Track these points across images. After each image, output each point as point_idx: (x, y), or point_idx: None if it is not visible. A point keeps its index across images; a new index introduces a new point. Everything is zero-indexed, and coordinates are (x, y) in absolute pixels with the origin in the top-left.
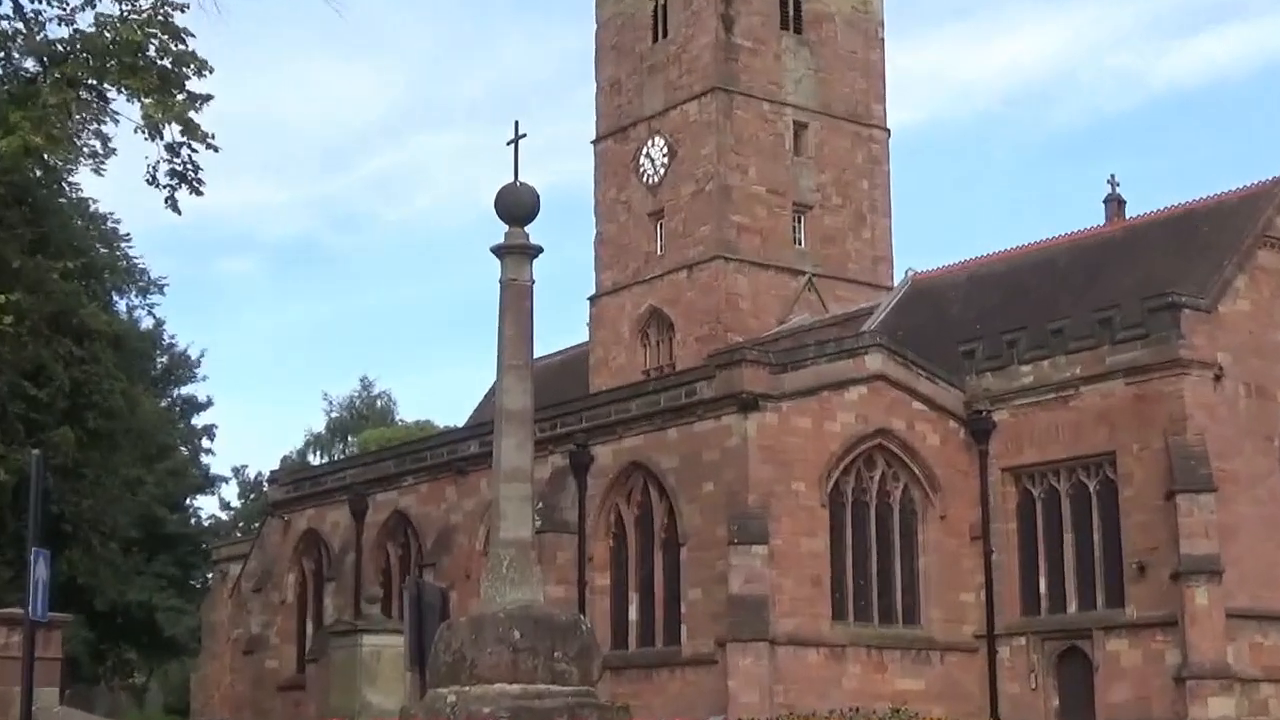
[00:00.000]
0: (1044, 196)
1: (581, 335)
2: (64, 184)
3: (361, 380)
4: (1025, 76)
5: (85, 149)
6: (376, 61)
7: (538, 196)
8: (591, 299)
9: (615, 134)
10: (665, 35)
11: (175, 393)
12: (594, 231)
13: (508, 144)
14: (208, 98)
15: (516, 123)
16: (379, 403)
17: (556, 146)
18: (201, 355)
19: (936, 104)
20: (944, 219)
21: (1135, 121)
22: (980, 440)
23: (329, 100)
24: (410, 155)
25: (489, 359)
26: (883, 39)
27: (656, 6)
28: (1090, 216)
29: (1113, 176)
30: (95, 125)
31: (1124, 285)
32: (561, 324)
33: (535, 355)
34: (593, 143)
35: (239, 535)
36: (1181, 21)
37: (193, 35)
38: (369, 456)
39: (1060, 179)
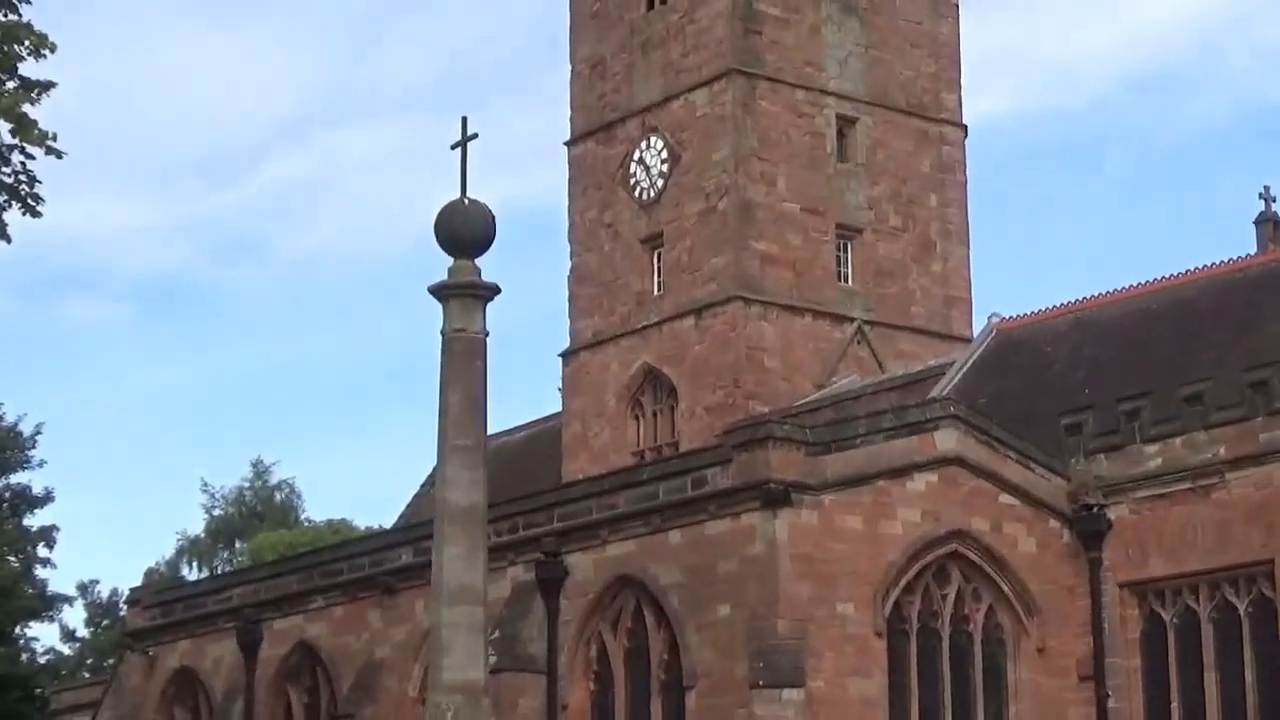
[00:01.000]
0: (1175, 216)
1: (553, 404)
2: None
3: (254, 465)
4: (1152, 54)
5: None
6: (278, 38)
7: (492, 219)
8: (565, 355)
9: (597, 133)
10: (664, 1)
11: (1, 483)
12: (568, 264)
13: (453, 147)
14: (49, 85)
15: (464, 120)
16: (278, 496)
17: (518, 148)
18: (37, 432)
19: (1029, 92)
20: (1040, 247)
21: None
22: (1091, 546)
23: (213, 90)
24: (320, 162)
25: (427, 437)
26: (957, 4)
27: None
28: (1238, 243)
29: (1267, 190)
30: None
31: None
32: (525, 388)
33: (490, 431)
34: (566, 144)
35: (87, 676)
36: None
37: (28, 1)
38: (264, 570)
39: (1198, 193)
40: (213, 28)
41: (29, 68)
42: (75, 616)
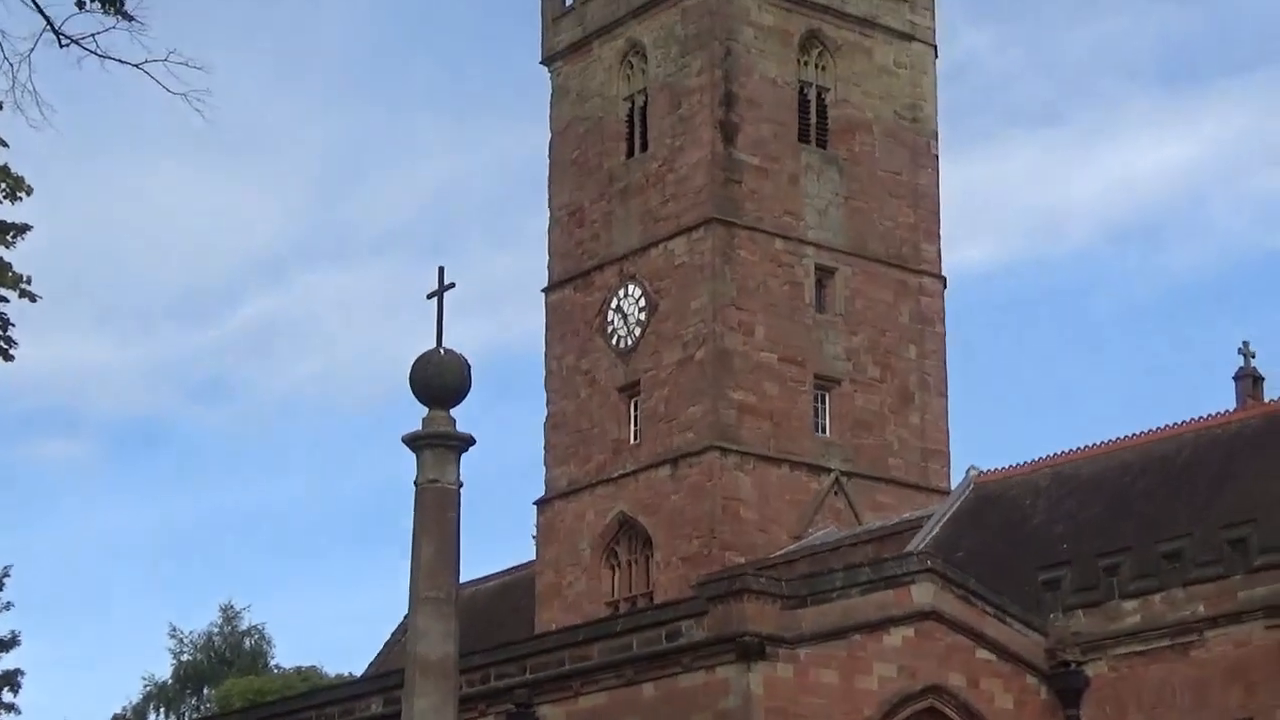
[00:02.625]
0: (1156, 368)
1: (526, 552)
2: None
3: (224, 610)
4: (1136, 204)
5: None
6: (255, 177)
7: (468, 369)
8: (540, 503)
9: (574, 280)
10: (644, 148)
11: None
12: (544, 411)
13: (429, 296)
14: (24, 228)
15: (441, 270)
16: (247, 642)
17: (497, 291)
18: (5, 574)
19: (1012, 241)
20: (1020, 398)
21: (1277, 269)
22: (1069, 703)
23: (190, 230)
24: (297, 303)
25: (399, 585)
26: (936, 155)
27: (632, 109)
28: (1217, 398)
29: (1246, 345)
30: None
31: (1263, 492)
32: (499, 536)
33: (462, 580)
34: (544, 291)
35: None
36: None
37: (4, 145)
38: (232, 718)
39: (1179, 345)
40: (191, 168)
41: (4, 210)
42: None
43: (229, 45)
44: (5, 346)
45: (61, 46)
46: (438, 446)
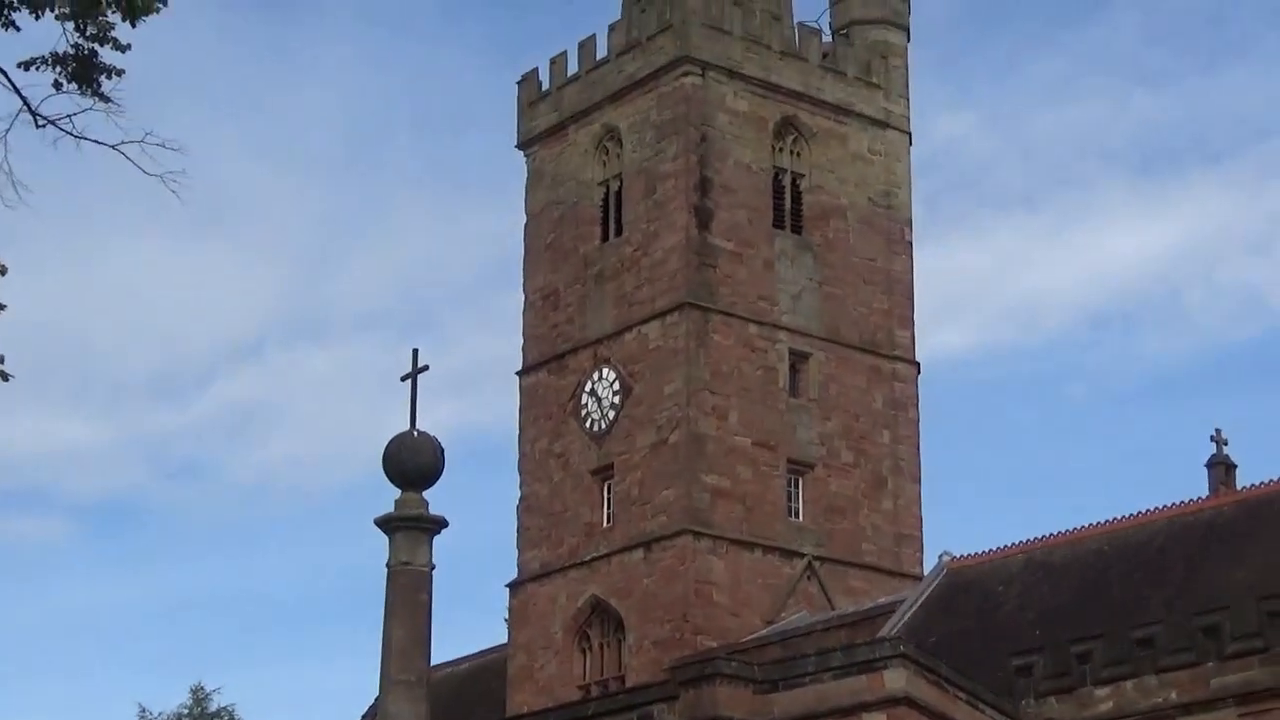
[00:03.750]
0: (1128, 456)
1: (498, 635)
2: None
3: (194, 691)
4: (1113, 291)
5: None
6: (230, 258)
7: (440, 452)
8: (512, 585)
9: (549, 363)
10: (619, 233)
11: None
12: (517, 494)
13: (403, 379)
14: None
15: (415, 352)
16: None
17: (473, 372)
18: None
19: (986, 329)
20: (992, 486)
21: (1251, 357)
22: None
23: (165, 309)
24: (273, 383)
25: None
26: (910, 242)
27: (607, 194)
28: (1190, 485)
29: (1219, 433)
30: None
31: (1235, 580)
32: (471, 618)
33: (434, 662)
34: (518, 374)
35: None
36: None
37: None
38: None
39: (1151, 433)
40: (168, 248)
41: None
42: None
43: (208, 124)
44: None
45: (38, 127)
46: (410, 529)
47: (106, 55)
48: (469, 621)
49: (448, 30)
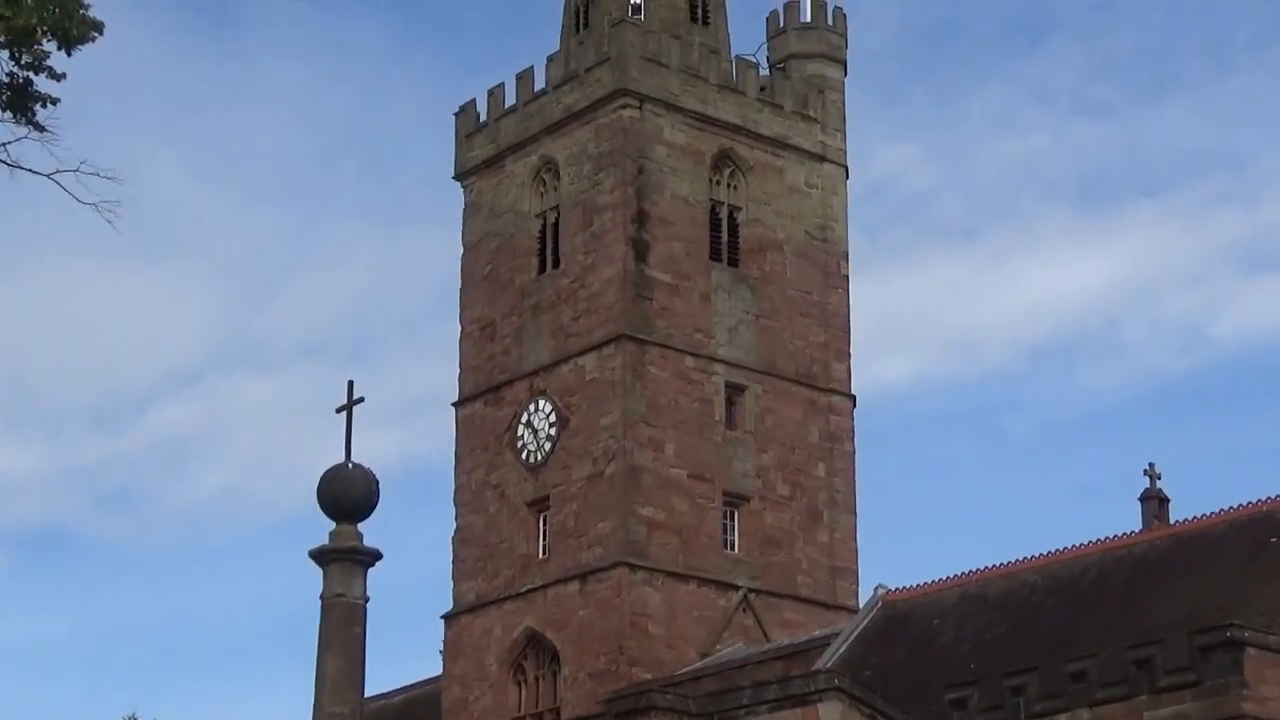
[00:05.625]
0: (1063, 490)
1: (433, 667)
2: None
3: None
4: (1051, 323)
5: None
6: (169, 284)
7: (375, 484)
8: (447, 617)
9: (485, 394)
10: (556, 265)
11: None
12: (452, 525)
13: (339, 411)
14: None
15: (350, 384)
16: None
17: (409, 403)
18: None
19: (922, 361)
20: (928, 518)
21: (1189, 390)
22: None
23: (101, 337)
24: (208, 412)
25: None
26: (847, 275)
27: (544, 226)
28: (1123, 519)
29: (1152, 466)
30: None
31: (1168, 613)
32: (405, 650)
33: (368, 694)
34: (454, 405)
35: None
36: (1259, 257)
37: None
38: None
39: (1086, 467)
40: (104, 275)
41: None
42: None
43: (149, 148)
44: None
45: None
46: (344, 561)
47: (41, 84)
48: (404, 653)
49: (393, 54)
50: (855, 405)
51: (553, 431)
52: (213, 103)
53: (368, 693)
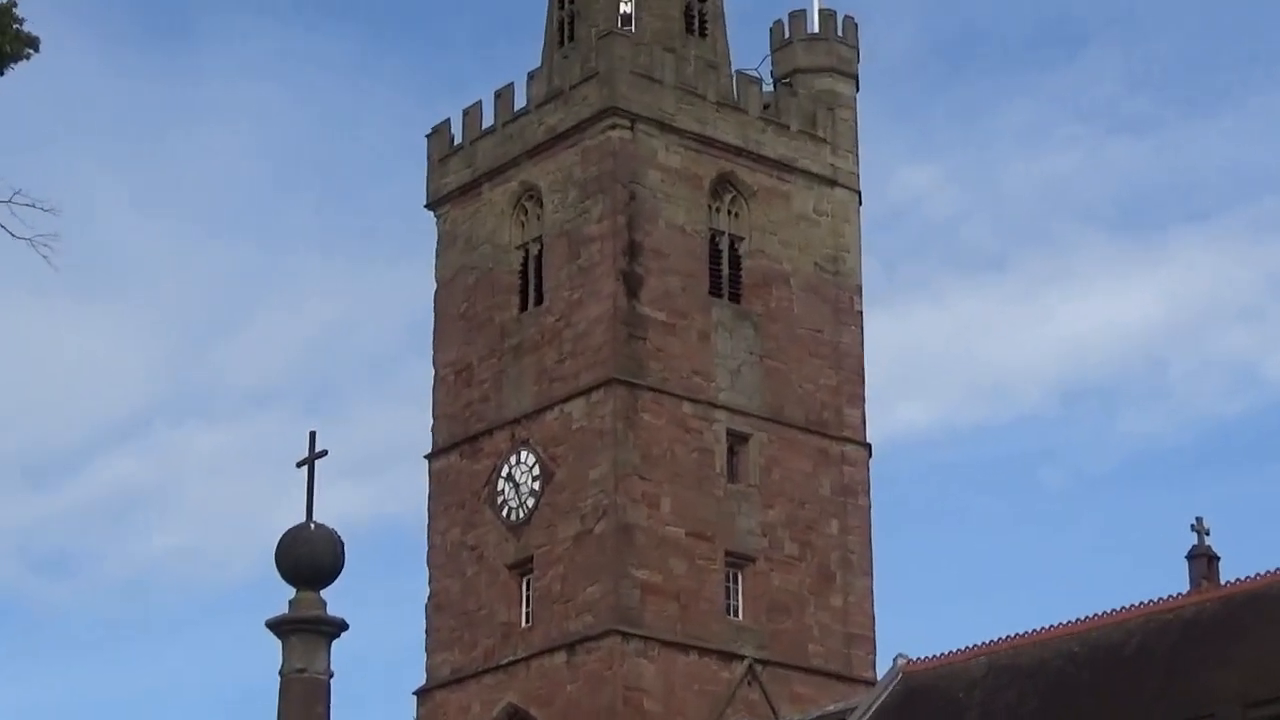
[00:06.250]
0: (1103, 547)
1: None
2: None
3: None
4: (1088, 363)
5: None
6: (112, 326)
7: (340, 547)
8: (420, 693)
9: (461, 445)
10: (538, 302)
11: None
12: (425, 591)
13: (299, 465)
14: None
15: (312, 435)
16: None
17: (378, 454)
18: None
19: (944, 406)
20: (952, 580)
21: (1241, 436)
22: None
23: (36, 385)
24: (156, 467)
25: None
26: (860, 311)
27: (526, 259)
28: (1169, 579)
29: (1200, 521)
30: None
31: (1220, 684)
32: None
33: None
34: (427, 457)
35: None
36: None
37: None
38: None
39: (1128, 522)
40: (41, 314)
41: None
42: None
43: (86, 179)
44: None
45: None
46: (306, 632)
47: None
48: None
49: (360, 70)
50: (871, 455)
51: (536, 486)
52: (161, 125)
53: None
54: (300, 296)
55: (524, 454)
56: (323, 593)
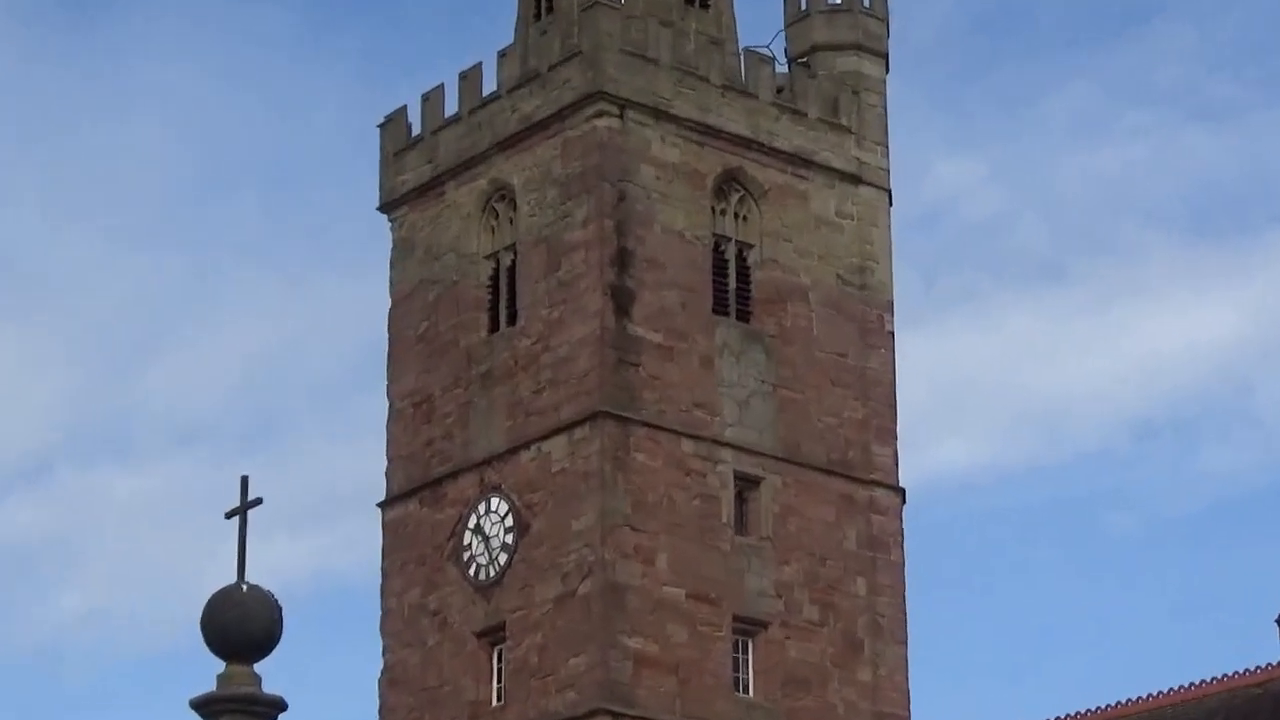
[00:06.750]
0: (1180, 608)
1: None
2: None
3: None
4: (1162, 390)
5: None
6: (12, 353)
7: (277, 613)
8: None
9: (420, 491)
10: (511, 321)
11: None
12: (379, 663)
13: (229, 515)
14: None
15: (244, 481)
16: None
17: (324, 500)
18: None
19: (991, 442)
20: (999, 648)
21: None
22: None
23: None
24: (62, 516)
25: None
26: (892, 332)
27: (497, 271)
28: (1258, 645)
29: None
30: None
31: None
32: None
33: None
34: (380, 505)
35: None
36: None
37: None
38: None
39: (1207, 577)
40: None
41: None
42: None
43: None
44: None
45: None
46: (237, 713)
47: None
48: None
49: (305, 51)
50: (904, 501)
51: (509, 540)
52: (73, 117)
53: None
54: (233, 316)
55: (495, 501)
56: (257, 666)
